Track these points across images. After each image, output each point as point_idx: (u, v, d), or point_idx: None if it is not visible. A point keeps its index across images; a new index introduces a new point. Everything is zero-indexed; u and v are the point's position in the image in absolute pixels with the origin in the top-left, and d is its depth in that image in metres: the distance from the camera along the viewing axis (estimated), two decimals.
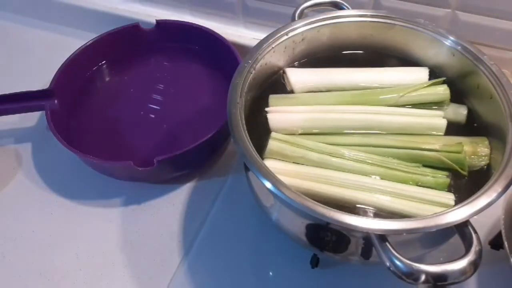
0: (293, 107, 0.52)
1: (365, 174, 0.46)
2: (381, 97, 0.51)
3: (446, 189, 0.45)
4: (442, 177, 0.45)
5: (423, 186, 0.45)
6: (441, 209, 0.41)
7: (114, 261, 0.57)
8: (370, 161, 0.46)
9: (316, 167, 0.47)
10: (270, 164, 0.46)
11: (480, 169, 0.47)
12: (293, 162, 0.47)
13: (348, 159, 0.47)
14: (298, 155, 0.47)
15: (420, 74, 0.53)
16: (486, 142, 0.48)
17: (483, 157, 0.47)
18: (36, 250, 0.59)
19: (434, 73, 0.55)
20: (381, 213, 0.44)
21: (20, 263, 0.58)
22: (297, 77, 0.54)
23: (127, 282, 0.55)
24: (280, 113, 0.51)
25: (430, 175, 0.46)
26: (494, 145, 0.47)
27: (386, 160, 0.47)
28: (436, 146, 0.47)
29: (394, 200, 0.44)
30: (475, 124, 0.50)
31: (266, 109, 0.51)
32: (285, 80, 0.55)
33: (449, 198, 0.44)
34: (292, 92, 0.54)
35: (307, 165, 0.47)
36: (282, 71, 0.56)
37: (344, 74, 0.54)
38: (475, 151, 0.47)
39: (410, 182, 0.45)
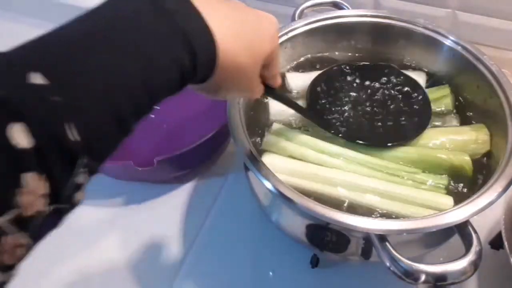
0: None
1: (364, 175, 0.46)
2: None
3: (445, 192, 0.45)
4: (441, 180, 0.45)
5: (422, 189, 0.45)
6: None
7: (114, 261, 0.57)
8: (369, 165, 0.46)
9: (315, 166, 0.47)
10: (269, 160, 0.46)
11: (479, 168, 0.47)
12: (290, 156, 0.47)
13: (345, 162, 0.47)
14: (297, 151, 0.47)
15: (418, 80, 0.53)
16: (485, 130, 0.48)
17: (483, 145, 0.47)
18: (35, 250, 0.59)
19: (434, 75, 0.55)
20: (380, 213, 0.44)
21: None
22: (297, 83, 0.54)
23: (127, 282, 0.55)
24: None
25: (429, 179, 0.46)
26: (494, 144, 0.47)
27: (386, 165, 0.46)
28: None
29: (392, 202, 0.44)
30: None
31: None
32: (285, 83, 0.55)
33: (448, 200, 0.43)
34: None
35: (305, 161, 0.47)
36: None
37: None
38: (476, 139, 0.47)
39: (409, 185, 0.45)
